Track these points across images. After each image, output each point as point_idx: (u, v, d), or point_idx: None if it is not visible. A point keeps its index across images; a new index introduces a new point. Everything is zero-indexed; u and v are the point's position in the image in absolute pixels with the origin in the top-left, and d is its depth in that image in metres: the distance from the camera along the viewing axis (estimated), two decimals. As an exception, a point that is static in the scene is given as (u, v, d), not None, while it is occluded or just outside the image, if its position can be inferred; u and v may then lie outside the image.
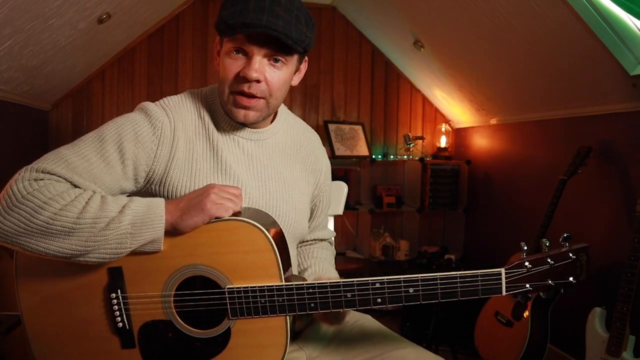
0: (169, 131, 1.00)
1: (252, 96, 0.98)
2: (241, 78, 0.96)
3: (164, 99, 1.05)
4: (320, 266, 1.20)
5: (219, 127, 1.05)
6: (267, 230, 0.90)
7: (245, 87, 0.97)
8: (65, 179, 0.88)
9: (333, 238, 1.39)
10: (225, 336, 0.92)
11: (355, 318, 1.23)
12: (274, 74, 0.98)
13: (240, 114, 1.00)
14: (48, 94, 2.82)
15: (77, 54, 2.60)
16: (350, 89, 3.55)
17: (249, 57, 0.96)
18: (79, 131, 3.04)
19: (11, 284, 0.93)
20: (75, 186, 0.88)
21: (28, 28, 2.02)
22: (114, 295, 0.91)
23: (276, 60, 0.98)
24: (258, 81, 0.96)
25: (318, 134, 1.32)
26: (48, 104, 2.95)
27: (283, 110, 1.18)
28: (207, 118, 1.05)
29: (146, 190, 1.01)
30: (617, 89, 2.06)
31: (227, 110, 1.02)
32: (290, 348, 0.94)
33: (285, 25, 0.92)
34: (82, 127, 3.07)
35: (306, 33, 0.97)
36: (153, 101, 1.04)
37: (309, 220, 1.24)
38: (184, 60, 3.22)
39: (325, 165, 1.26)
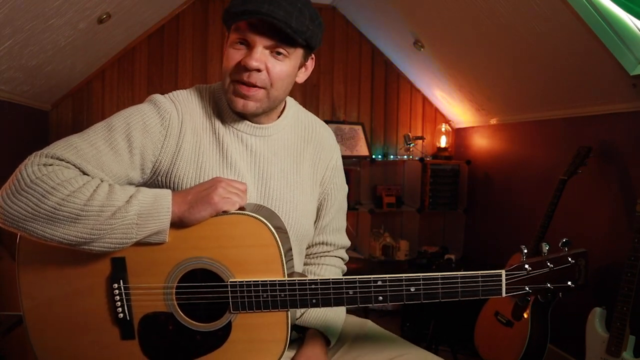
0: (176, 123, 1.00)
1: (252, 85, 0.98)
2: (242, 67, 0.96)
3: (173, 92, 1.06)
4: None
5: (224, 122, 1.06)
6: (272, 225, 0.90)
7: (245, 76, 0.97)
8: (74, 165, 0.88)
9: (345, 253, 1.28)
10: (226, 330, 0.92)
11: (357, 328, 1.19)
12: (275, 65, 0.98)
13: (239, 103, 1.00)
14: (48, 94, 2.82)
15: (77, 54, 2.60)
16: (350, 89, 3.55)
17: (250, 48, 0.97)
18: (79, 131, 3.02)
19: (11, 284, 0.93)
20: (84, 173, 0.89)
21: (28, 28, 2.02)
22: (115, 285, 0.91)
23: (278, 53, 0.98)
24: (259, 70, 0.97)
25: None
26: (48, 104, 2.95)
27: (292, 105, 1.16)
28: (213, 112, 1.06)
29: (153, 181, 1.02)
30: (617, 89, 2.07)
31: (228, 100, 1.02)
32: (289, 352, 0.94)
33: (286, 15, 0.93)
34: (82, 127, 3.01)
35: (308, 25, 0.97)
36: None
37: (316, 221, 1.19)
38: (184, 60, 3.22)
39: (335, 160, 1.20)
